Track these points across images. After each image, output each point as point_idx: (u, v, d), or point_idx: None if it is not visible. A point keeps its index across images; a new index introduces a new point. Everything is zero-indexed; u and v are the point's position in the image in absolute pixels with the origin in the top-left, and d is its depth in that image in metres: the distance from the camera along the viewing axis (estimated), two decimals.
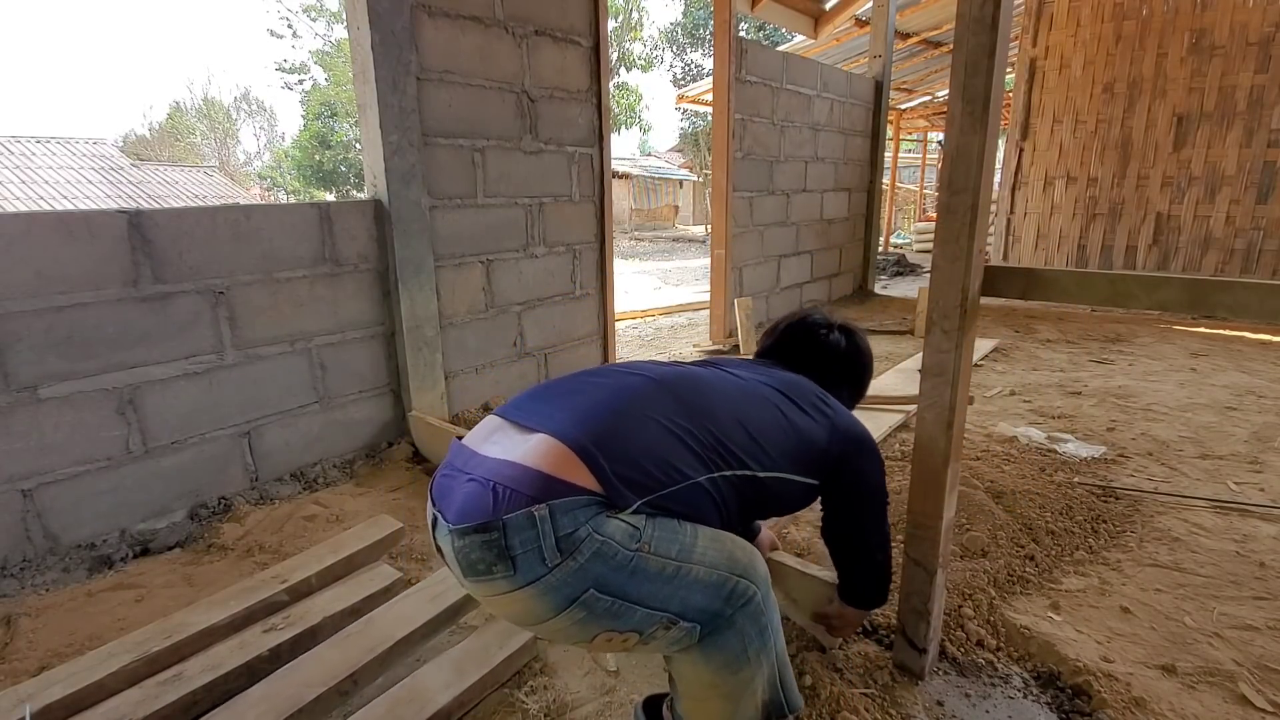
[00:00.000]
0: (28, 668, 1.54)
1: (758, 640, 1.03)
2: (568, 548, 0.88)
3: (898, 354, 4.28)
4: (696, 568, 0.97)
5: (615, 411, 1.02)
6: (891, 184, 12.53)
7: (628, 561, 0.91)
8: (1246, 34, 5.14)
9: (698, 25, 18.69)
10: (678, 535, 0.97)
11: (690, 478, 1.00)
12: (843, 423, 1.25)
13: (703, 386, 1.14)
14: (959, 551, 1.91)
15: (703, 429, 1.05)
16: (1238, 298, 1.12)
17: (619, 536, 0.91)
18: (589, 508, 0.90)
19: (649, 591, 0.93)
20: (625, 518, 0.93)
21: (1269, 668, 1.48)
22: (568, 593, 0.90)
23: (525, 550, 0.88)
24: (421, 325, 2.69)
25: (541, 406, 1.06)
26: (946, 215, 1.21)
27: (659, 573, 0.94)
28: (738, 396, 1.16)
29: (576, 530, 0.89)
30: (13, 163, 13.67)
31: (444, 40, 2.66)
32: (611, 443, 0.96)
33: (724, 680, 1.03)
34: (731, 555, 1.02)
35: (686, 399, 1.09)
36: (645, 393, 1.07)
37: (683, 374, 1.16)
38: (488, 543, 0.89)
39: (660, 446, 1.00)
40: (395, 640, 1.47)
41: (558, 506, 0.88)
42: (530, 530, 0.87)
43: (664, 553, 0.94)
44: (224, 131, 28.60)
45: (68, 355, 1.90)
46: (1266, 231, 5.28)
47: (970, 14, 1.12)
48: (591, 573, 0.89)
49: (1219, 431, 2.88)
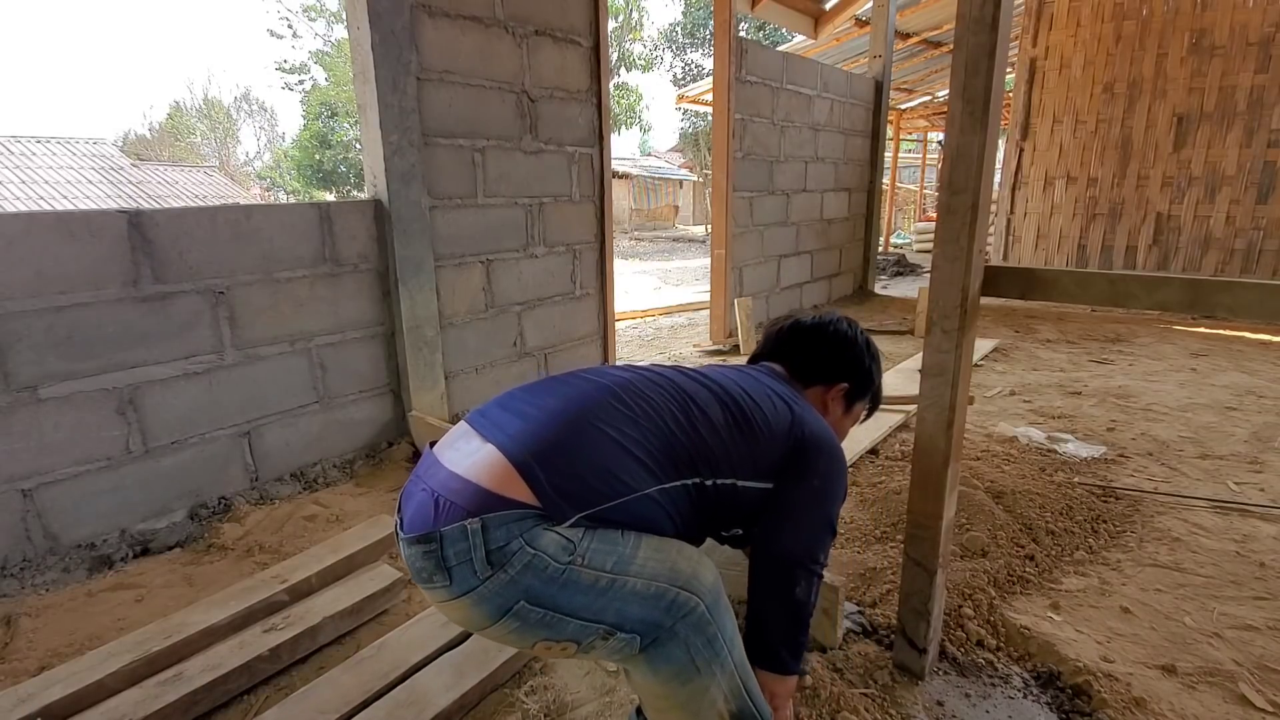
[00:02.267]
0: (28, 668, 1.54)
1: (705, 650, 1.01)
2: (498, 560, 0.89)
3: (898, 354, 4.28)
4: (633, 580, 0.96)
5: (564, 422, 1.02)
6: (891, 184, 12.53)
7: (559, 574, 0.91)
8: (1246, 34, 5.14)
9: (698, 25, 18.68)
10: (616, 547, 0.96)
11: (636, 490, 0.99)
12: (810, 426, 1.20)
13: (658, 394, 1.12)
14: (959, 551, 1.91)
15: (654, 438, 1.04)
16: (1238, 298, 1.12)
17: (551, 549, 0.91)
18: (523, 521, 0.91)
19: (581, 604, 0.93)
20: (561, 530, 0.93)
21: (1269, 668, 1.48)
22: (499, 603, 0.91)
23: (459, 562, 0.90)
24: (421, 325, 2.69)
25: (502, 415, 1.06)
26: (946, 215, 1.21)
27: (591, 585, 0.93)
28: (697, 403, 1.13)
29: (508, 544, 0.90)
30: (13, 163, 13.67)
31: (444, 40, 2.66)
32: (554, 456, 0.96)
33: (674, 691, 1.02)
34: (674, 566, 1.00)
35: (639, 408, 1.07)
36: (599, 402, 1.07)
37: (641, 381, 1.14)
38: (428, 553, 0.91)
39: (606, 458, 0.99)
40: (409, 666, 1.46)
41: (490, 520, 0.90)
42: (463, 543, 0.89)
43: (598, 565, 0.94)
44: (224, 131, 28.59)
45: (68, 355, 1.90)
46: (1266, 231, 5.28)
47: (970, 14, 1.12)
48: (521, 585, 0.90)
49: (1219, 431, 2.88)
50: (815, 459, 1.17)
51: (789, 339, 1.43)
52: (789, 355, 1.41)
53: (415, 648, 1.51)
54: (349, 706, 1.35)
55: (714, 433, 1.10)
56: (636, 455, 1.01)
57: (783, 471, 1.15)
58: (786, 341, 1.43)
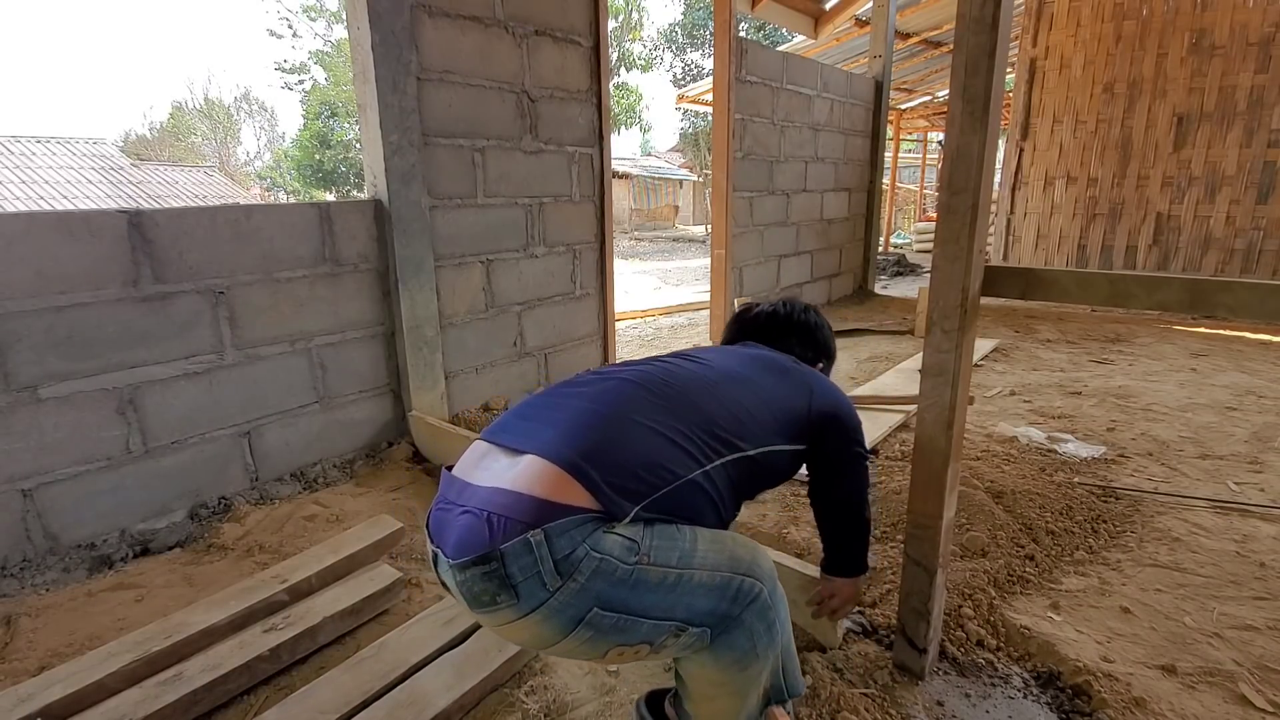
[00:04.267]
0: (28, 667, 1.54)
1: (766, 637, 1.03)
2: (567, 570, 0.88)
3: (898, 354, 4.28)
4: (698, 572, 0.96)
5: (600, 420, 1.02)
6: (891, 184, 12.53)
7: (628, 575, 0.91)
8: (1246, 34, 5.14)
9: (697, 25, 18.68)
10: (677, 542, 0.97)
11: (682, 476, 1.01)
12: (820, 388, 1.32)
13: (681, 379, 1.16)
14: (959, 551, 1.91)
15: (688, 422, 1.06)
16: (1238, 298, 1.12)
17: (617, 552, 0.90)
18: (585, 525, 0.90)
19: (652, 602, 0.93)
20: (622, 531, 0.92)
21: (1269, 668, 1.48)
22: (572, 614, 0.89)
23: (526, 577, 0.87)
24: (421, 325, 2.69)
25: (526, 425, 1.05)
26: (946, 215, 1.21)
27: (660, 582, 0.93)
28: (717, 380, 1.19)
29: (574, 551, 0.88)
30: (13, 163, 13.67)
31: (444, 40, 2.66)
32: (600, 454, 0.96)
33: (733, 678, 1.03)
34: (734, 555, 1.01)
35: (667, 395, 1.10)
36: (626, 396, 1.08)
37: (660, 370, 1.18)
38: (488, 574, 0.88)
39: (648, 449, 1.00)
40: (408, 666, 1.46)
41: (553, 529, 0.88)
42: (528, 557, 0.87)
43: (664, 562, 0.94)
44: (224, 131, 28.58)
45: (68, 355, 1.90)
46: (1266, 231, 5.28)
47: (970, 14, 1.12)
48: (593, 591, 0.89)
49: (1219, 431, 2.88)
50: (841, 421, 1.28)
51: (768, 326, 1.53)
52: (772, 342, 1.50)
53: (415, 648, 1.51)
54: (349, 706, 1.35)
55: (744, 408, 1.15)
56: (678, 442, 1.03)
57: (817, 435, 1.25)
58: (765, 328, 1.53)
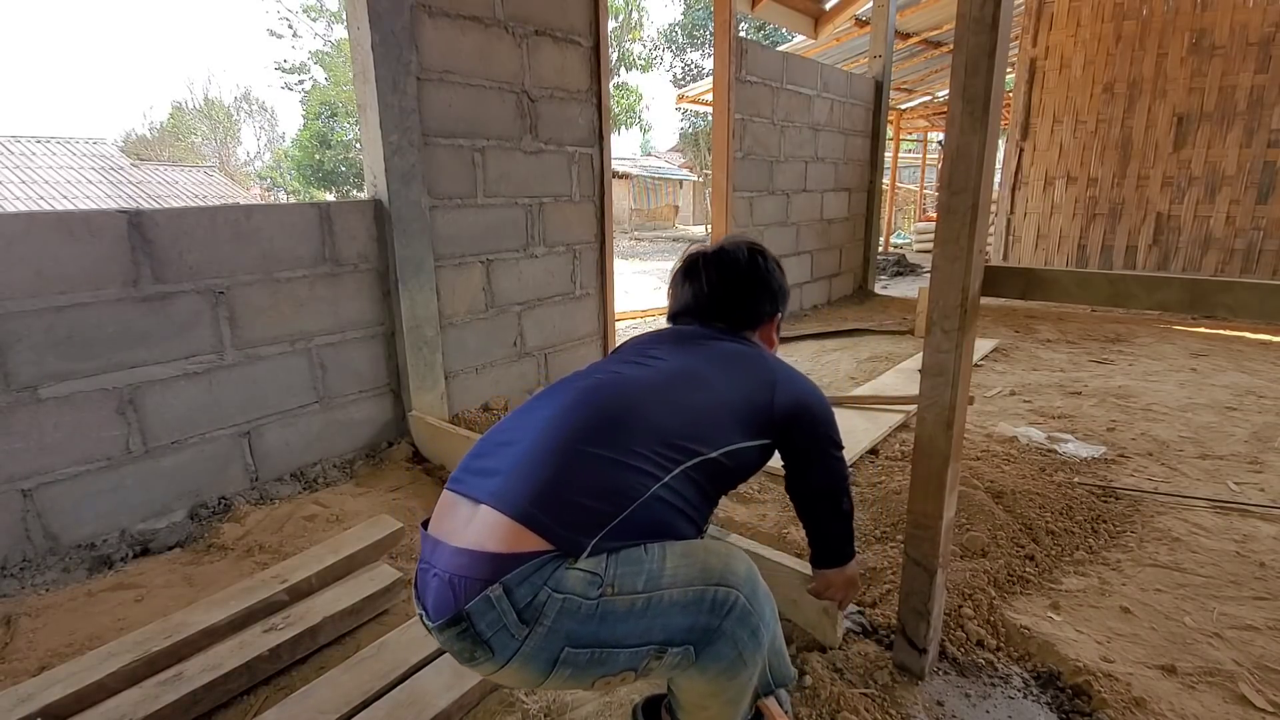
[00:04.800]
0: (28, 667, 1.54)
1: (750, 642, 1.02)
2: (531, 616, 0.88)
3: (898, 354, 4.28)
4: (669, 591, 0.95)
5: (548, 456, 0.99)
6: (891, 184, 12.53)
7: (594, 610, 0.90)
8: (1246, 34, 5.14)
9: (697, 25, 18.68)
10: (643, 565, 0.95)
11: (638, 496, 0.98)
12: (784, 379, 1.25)
13: (631, 391, 1.12)
14: (959, 551, 1.91)
15: (641, 438, 1.03)
16: (1238, 298, 1.12)
17: (579, 589, 0.90)
18: (543, 569, 0.89)
19: (625, 631, 0.92)
20: (583, 566, 0.91)
21: (1269, 668, 1.48)
22: (547, 656, 0.90)
23: (494, 632, 0.89)
24: (421, 325, 2.69)
25: (481, 469, 1.03)
26: (946, 215, 1.21)
27: (630, 610, 0.93)
28: (668, 384, 1.15)
29: (535, 597, 0.88)
30: (13, 163, 13.67)
31: (444, 40, 2.66)
32: (550, 494, 0.94)
33: (724, 687, 1.03)
34: (705, 566, 1.00)
35: (616, 413, 1.06)
36: (573, 423, 1.04)
37: (609, 383, 1.14)
38: (461, 634, 0.90)
39: (600, 479, 0.98)
40: (408, 666, 1.46)
41: (510, 580, 0.88)
42: (491, 612, 0.88)
43: (629, 589, 0.93)
44: (224, 131, 28.58)
45: (68, 355, 1.90)
46: (1266, 231, 5.28)
47: (970, 14, 1.12)
48: (562, 631, 0.89)
49: (1219, 431, 2.88)
50: (809, 411, 1.24)
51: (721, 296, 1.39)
52: (727, 312, 1.39)
53: (415, 648, 1.51)
54: (349, 706, 1.35)
55: (700, 411, 1.12)
56: (630, 464, 1.00)
57: (784, 430, 1.22)
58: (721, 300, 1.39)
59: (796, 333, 4.87)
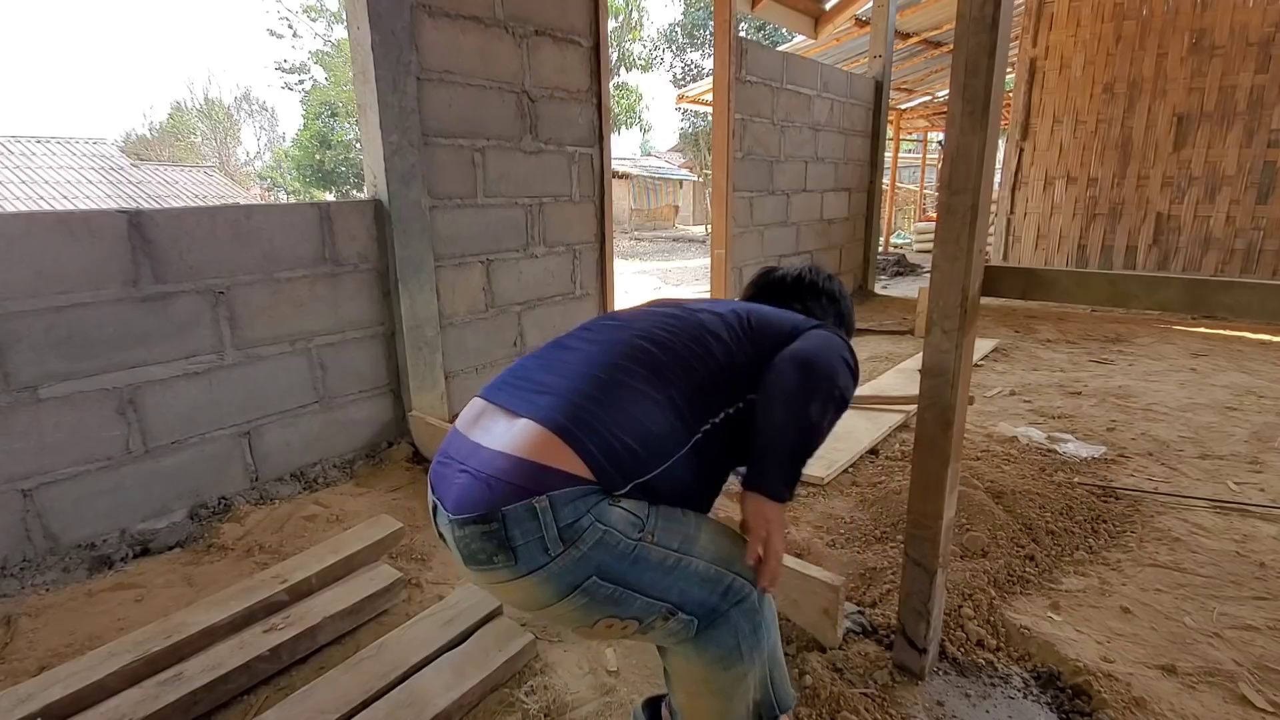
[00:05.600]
0: (28, 668, 1.54)
1: (751, 637, 1.03)
2: (570, 537, 0.89)
3: (898, 354, 4.28)
4: (696, 561, 0.98)
5: (593, 385, 1.00)
6: (891, 184, 12.53)
7: (630, 550, 0.92)
8: (1246, 34, 5.14)
9: (697, 25, 18.68)
10: (681, 527, 0.98)
11: (675, 452, 1.00)
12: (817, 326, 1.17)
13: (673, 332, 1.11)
14: (959, 551, 1.91)
15: (680, 382, 1.03)
16: (1238, 298, 1.12)
17: (621, 526, 0.92)
18: (588, 497, 0.90)
19: (650, 580, 0.94)
20: (628, 507, 0.93)
21: (1269, 668, 1.48)
22: (570, 580, 0.91)
23: (526, 541, 0.89)
24: (421, 325, 2.69)
25: (523, 386, 1.05)
26: (946, 215, 1.21)
27: (660, 563, 0.95)
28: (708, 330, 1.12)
29: (579, 520, 0.89)
30: (13, 163, 13.67)
31: (444, 40, 2.66)
32: (595, 421, 0.95)
33: (716, 676, 1.03)
34: (730, 553, 1.02)
35: (658, 353, 1.06)
36: (619, 355, 1.05)
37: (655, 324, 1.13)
38: (488, 533, 0.90)
39: (643, 417, 0.98)
40: (408, 666, 1.46)
41: (558, 498, 0.88)
42: (532, 522, 0.88)
43: (666, 544, 0.95)
44: (224, 131, 28.57)
45: (68, 355, 1.90)
46: (1266, 231, 5.28)
47: (970, 14, 1.12)
48: (594, 560, 0.90)
49: (1219, 431, 2.88)
50: (821, 331, 1.15)
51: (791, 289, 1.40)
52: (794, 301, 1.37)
53: (415, 648, 1.51)
54: (349, 707, 1.35)
55: (730, 354, 1.10)
56: (667, 407, 1.01)
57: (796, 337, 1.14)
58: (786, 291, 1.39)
59: None
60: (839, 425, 1.13)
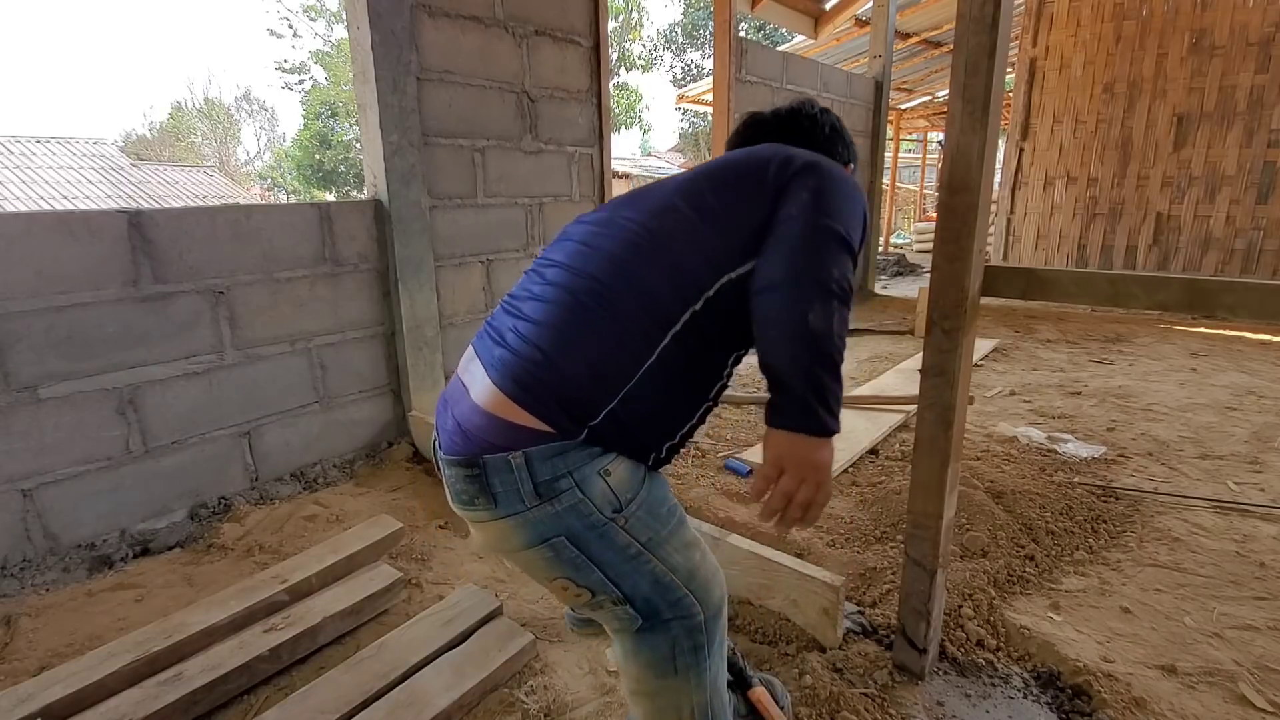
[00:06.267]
0: (28, 667, 1.54)
1: (689, 656, 1.03)
2: (546, 494, 0.91)
3: (898, 354, 4.28)
4: (656, 563, 0.98)
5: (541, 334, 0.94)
6: (891, 184, 12.52)
7: (599, 524, 0.93)
8: (1246, 34, 5.14)
9: (697, 25, 18.67)
10: (657, 526, 0.98)
11: (630, 378, 0.92)
12: (798, 153, 1.01)
13: (618, 239, 1.00)
14: (959, 551, 1.91)
15: (631, 296, 0.94)
16: (1238, 298, 1.12)
17: (599, 500, 0.93)
18: (567, 455, 0.91)
19: (609, 560, 0.95)
20: (614, 484, 0.94)
21: (1269, 668, 1.48)
22: (541, 532, 0.93)
23: (505, 490, 0.92)
24: (421, 325, 2.69)
25: (491, 335, 1.03)
26: (946, 215, 1.21)
27: (623, 548, 0.95)
28: (655, 218, 1.00)
29: (557, 479, 0.91)
30: (13, 163, 13.66)
31: (444, 40, 2.66)
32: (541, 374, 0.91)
33: (648, 680, 1.05)
34: (692, 570, 1.01)
35: (612, 278, 0.96)
36: (571, 288, 0.97)
37: (614, 244, 1.00)
38: (470, 476, 0.93)
39: (592, 355, 0.92)
40: (408, 666, 1.47)
41: (533, 454, 0.90)
42: (509, 474, 0.91)
43: (634, 534, 0.96)
44: (224, 131, 28.56)
45: (68, 355, 1.90)
46: (1266, 231, 5.28)
47: (970, 14, 1.12)
48: (565, 522, 0.92)
49: (1219, 431, 2.88)
50: (806, 174, 0.96)
51: (788, 120, 1.21)
52: (789, 138, 1.18)
53: (415, 648, 1.51)
54: (349, 706, 1.35)
55: (683, 238, 0.97)
56: (619, 334, 0.93)
57: (776, 197, 0.96)
58: (786, 123, 1.21)
59: None
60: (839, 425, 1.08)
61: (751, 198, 0.98)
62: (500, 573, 1.93)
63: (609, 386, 0.93)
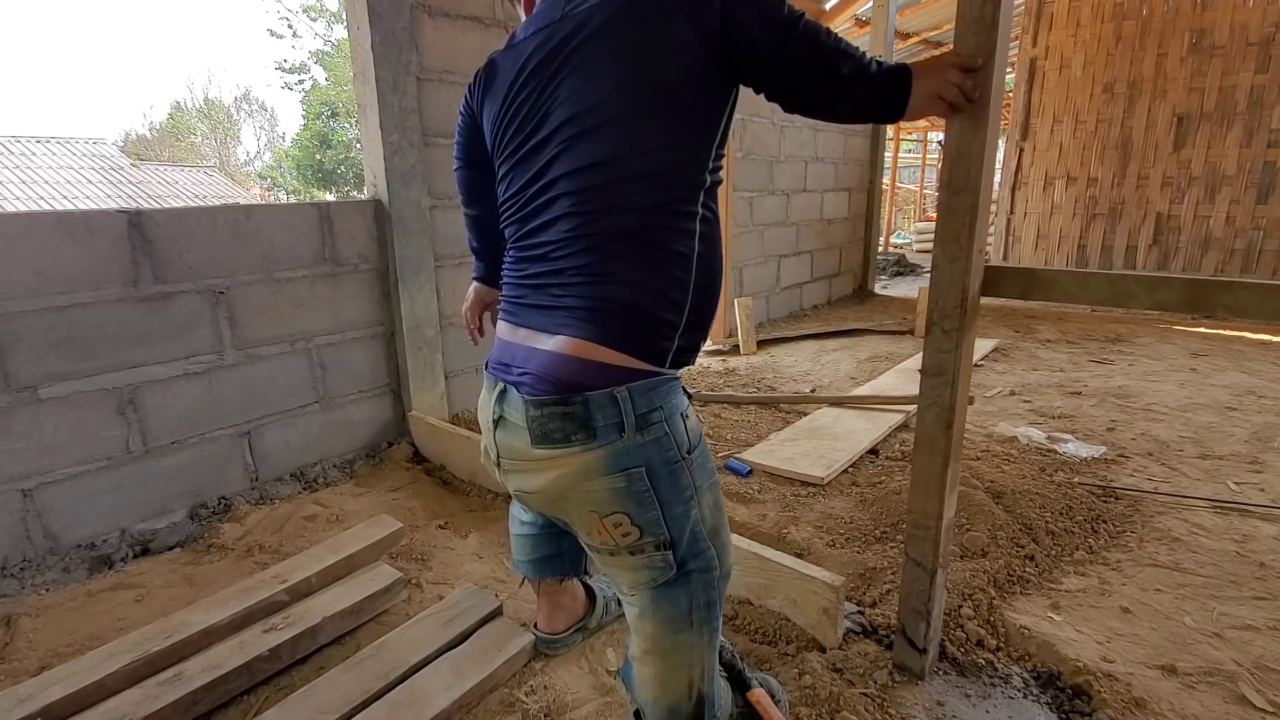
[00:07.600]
0: (28, 668, 1.54)
1: (703, 610, 1.07)
2: (643, 424, 0.97)
3: (898, 354, 4.28)
4: (697, 511, 1.04)
5: (599, 262, 0.97)
6: (891, 184, 12.52)
7: (673, 460, 0.99)
8: (1246, 34, 5.13)
9: None
10: (705, 476, 1.05)
11: (688, 274, 1.00)
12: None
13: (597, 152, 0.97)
14: (959, 551, 1.91)
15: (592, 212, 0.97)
16: (1238, 298, 1.12)
17: (679, 437, 1.00)
18: (659, 389, 0.98)
19: (669, 499, 1.00)
20: (690, 428, 1.01)
21: (1269, 668, 1.48)
22: (625, 460, 0.97)
23: (605, 423, 0.95)
24: (421, 325, 2.69)
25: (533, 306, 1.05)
26: (946, 215, 1.21)
27: (682, 489, 1.01)
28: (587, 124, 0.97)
29: (652, 411, 0.97)
30: (13, 163, 13.67)
31: (444, 40, 2.66)
32: (620, 314, 0.97)
33: (662, 637, 1.07)
34: (718, 527, 1.09)
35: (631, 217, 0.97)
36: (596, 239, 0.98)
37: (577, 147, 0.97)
38: (567, 415, 0.95)
39: (644, 280, 0.97)
40: (408, 666, 1.47)
41: (636, 389, 0.96)
42: (612, 408, 0.95)
43: (695, 476, 1.02)
44: (224, 131, 28.57)
45: (68, 355, 1.90)
46: (1266, 231, 5.28)
47: (970, 14, 1.12)
48: (647, 453, 0.97)
49: (1219, 431, 2.88)
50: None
51: None
52: None
53: (415, 648, 1.51)
54: (349, 706, 1.35)
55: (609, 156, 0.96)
56: (648, 246, 0.98)
57: (723, 44, 0.94)
58: None
59: (797, 332, 4.87)
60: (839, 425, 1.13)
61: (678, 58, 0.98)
62: (500, 573, 1.93)
63: (675, 303, 1.00)
